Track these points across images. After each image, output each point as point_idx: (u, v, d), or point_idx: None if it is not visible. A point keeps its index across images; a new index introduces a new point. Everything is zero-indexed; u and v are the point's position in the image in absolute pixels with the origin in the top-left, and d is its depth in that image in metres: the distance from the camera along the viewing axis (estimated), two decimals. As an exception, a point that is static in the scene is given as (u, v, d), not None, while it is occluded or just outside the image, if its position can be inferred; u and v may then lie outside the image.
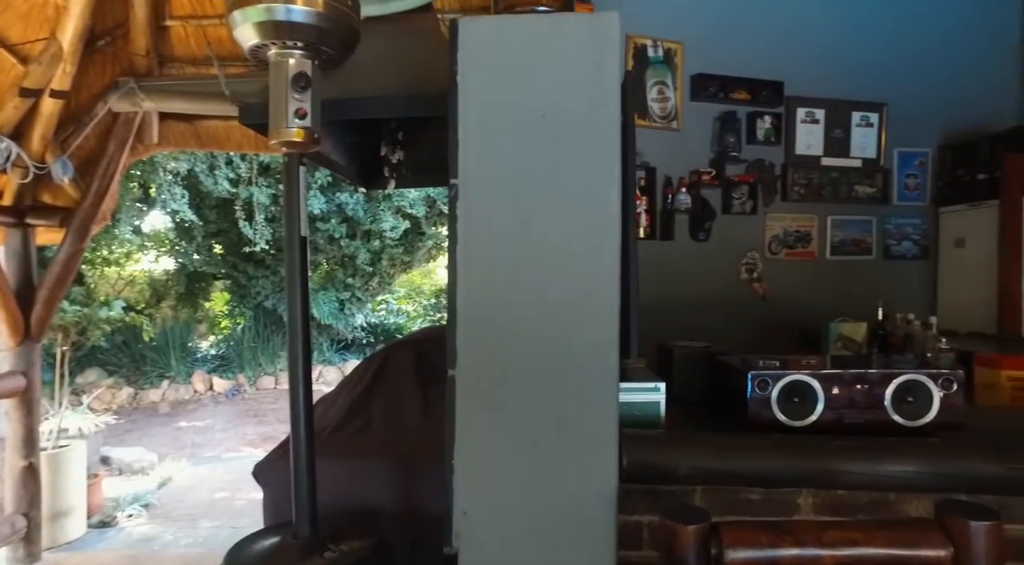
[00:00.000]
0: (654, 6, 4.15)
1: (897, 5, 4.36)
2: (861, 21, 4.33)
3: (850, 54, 4.29)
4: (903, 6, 4.37)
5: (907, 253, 4.44)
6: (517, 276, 1.06)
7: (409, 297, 13.38)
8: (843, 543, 0.91)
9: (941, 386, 1.34)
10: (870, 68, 4.29)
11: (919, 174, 4.42)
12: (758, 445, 1.24)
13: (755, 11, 4.17)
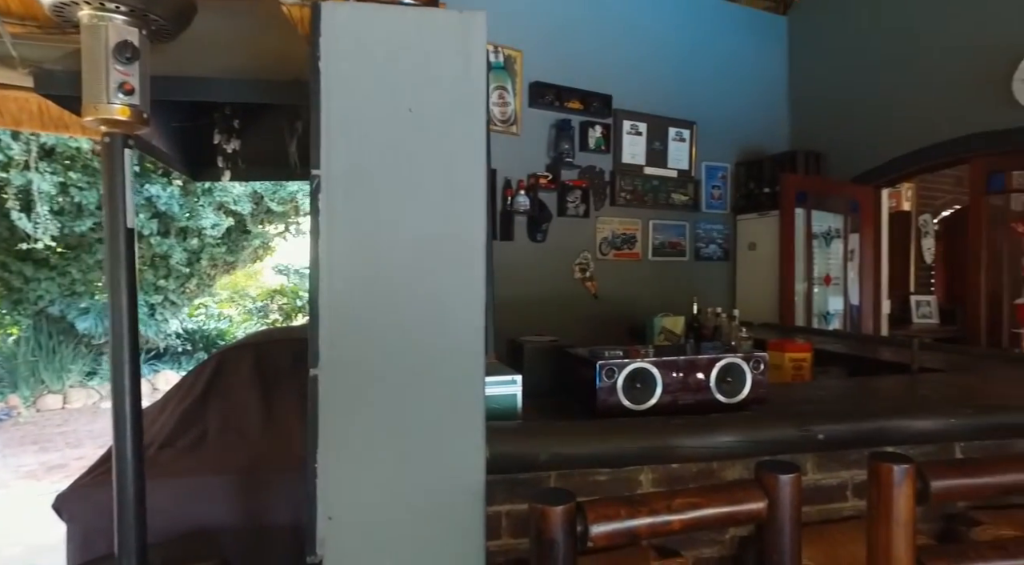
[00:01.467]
0: (497, 13, 4.26)
1: (704, 47, 4.96)
2: (678, 51, 4.85)
3: (669, 77, 4.79)
4: (708, 48, 4.98)
5: (713, 255, 5.05)
6: (383, 272, 1.04)
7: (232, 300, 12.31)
8: (688, 507, 1.03)
9: (752, 367, 1.56)
10: (684, 91, 4.83)
11: (722, 186, 5.05)
12: (608, 429, 1.34)
13: (589, 27, 4.48)
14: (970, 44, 3.74)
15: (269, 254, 10.93)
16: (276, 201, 9.04)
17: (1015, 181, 3.81)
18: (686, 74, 4.84)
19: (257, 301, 11.98)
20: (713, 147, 4.98)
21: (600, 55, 4.49)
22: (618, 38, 4.58)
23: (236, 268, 10.99)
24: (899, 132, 4.19)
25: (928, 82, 4.01)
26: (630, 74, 4.60)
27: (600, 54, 4.49)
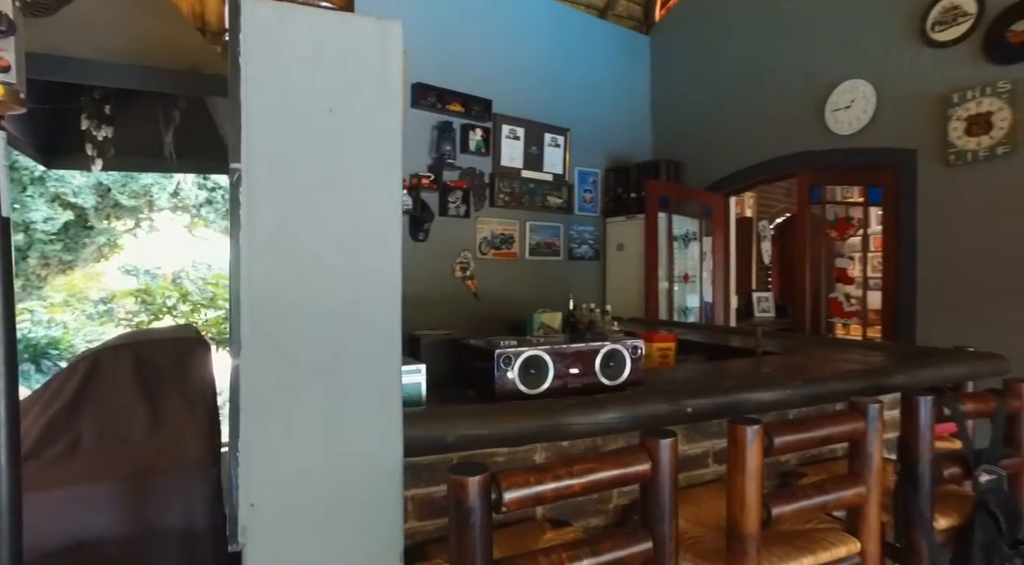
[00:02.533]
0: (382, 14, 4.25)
1: (577, 59, 5.28)
2: (554, 62, 5.12)
3: (545, 85, 5.05)
4: (580, 61, 5.31)
5: (585, 255, 5.39)
6: (303, 264, 1.08)
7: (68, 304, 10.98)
8: (585, 472, 1.17)
9: (631, 353, 1.75)
10: (558, 99, 5.11)
11: (593, 190, 5.40)
12: (511, 410, 1.45)
13: (471, 34, 4.61)
14: (797, 75, 4.34)
15: (116, 253, 9.91)
16: (126, 194, 8.22)
17: (829, 194, 4.47)
18: (561, 84, 5.13)
19: (99, 305, 10.80)
20: (585, 153, 5.31)
21: (481, 61, 4.63)
22: (499, 46, 4.76)
23: (74, 268, 9.85)
24: (744, 147, 4.75)
25: (767, 106, 4.58)
26: (509, 81, 4.80)
27: (481, 60, 4.63)
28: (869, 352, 2.53)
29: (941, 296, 3.54)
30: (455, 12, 4.52)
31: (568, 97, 5.17)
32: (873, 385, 1.91)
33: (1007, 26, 3.24)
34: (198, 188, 9.02)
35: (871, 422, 1.51)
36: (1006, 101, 3.24)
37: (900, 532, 1.66)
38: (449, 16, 4.50)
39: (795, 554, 1.45)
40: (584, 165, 5.33)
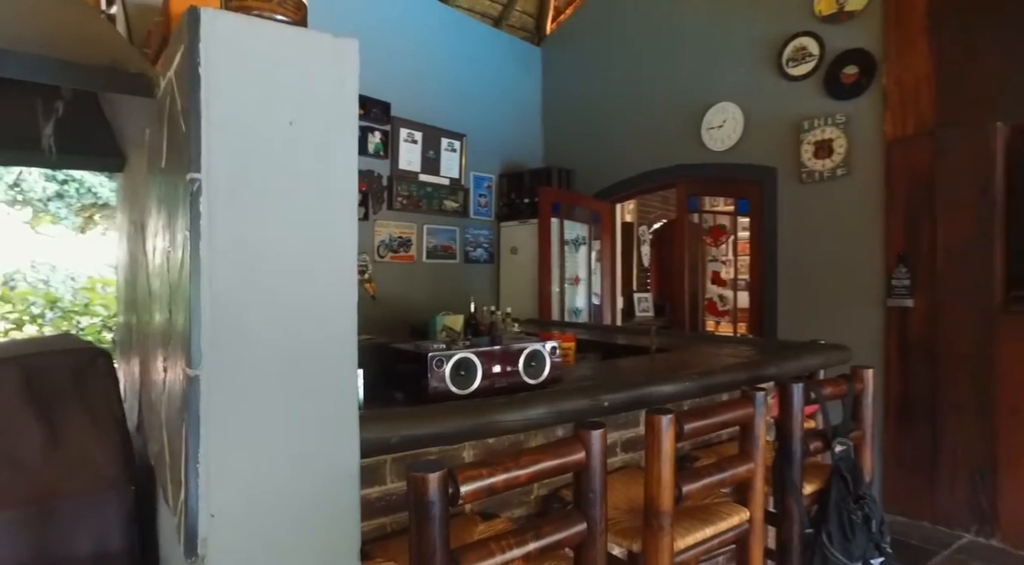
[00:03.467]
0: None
1: (473, 66, 5.40)
2: (451, 68, 5.20)
3: (442, 91, 5.11)
4: (476, 68, 5.44)
5: (480, 258, 5.51)
6: (262, 274, 1.09)
7: None
8: (531, 463, 1.28)
9: (550, 353, 1.89)
10: (455, 105, 5.19)
11: (487, 195, 5.54)
12: (449, 411, 1.52)
13: (370, 36, 4.52)
14: (677, 95, 4.75)
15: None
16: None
17: (704, 204, 4.93)
18: (458, 89, 5.23)
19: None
20: (480, 159, 5.44)
21: (381, 64, 4.61)
22: (398, 50, 4.76)
23: None
24: (629, 158, 5.11)
25: (649, 121, 4.96)
26: (408, 85, 4.81)
27: (381, 63, 4.61)
28: (741, 346, 2.87)
29: (797, 296, 4.05)
30: (355, 15, 4.46)
31: (464, 103, 5.27)
32: (753, 376, 2.18)
33: (841, 68, 3.78)
34: (45, 180, 8.08)
35: (758, 408, 1.76)
36: (842, 130, 3.78)
37: (777, 499, 1.94)
38: (349, 19, 4.43)
39: (699, 526, 1.65)
40: (479, 170, 5.46)
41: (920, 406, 3.43)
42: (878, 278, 3.63)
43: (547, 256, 5.15)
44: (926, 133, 3.42)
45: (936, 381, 3.38)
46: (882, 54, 3.60)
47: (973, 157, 3.28)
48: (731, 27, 4.38)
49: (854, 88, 3.71)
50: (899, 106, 3.52)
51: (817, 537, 1.93)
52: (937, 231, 3.39)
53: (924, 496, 3.40)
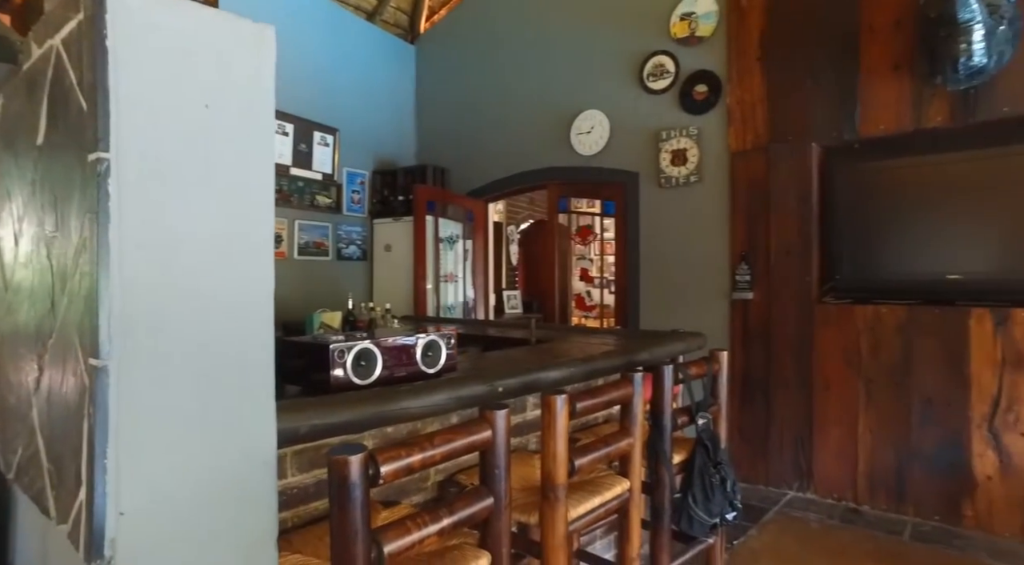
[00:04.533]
0: None
1: (346, 60, 5.29)
2: (324, 60, 5.04)
3: (314, 83, 4.95)
4: (350, 61, 5.32)
5: (353, 255, 5.40)
6: (175, 261, 1.05)
7: None
8: (444, 442, 1.34)
9: (446, 343, 1.95)
10: (328, 98, 5.05)
11: (361, 191, 5.44)
12: (358, 399, 1.53)
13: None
14: (548, 100, 5.00)
15: None
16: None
17: (574, 205, 5.24)
18: (330, 83, 5.09)
19: None
20: (354, 154, 5.34)
21: (246, 48, 4.37)
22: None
23: None
24: (502, 158, 5.28)
25: (522, 123, 5.17)
26: (278, 74, 4.59)
27: (246, 47, 4.37)
28: (611, 337, 3.12)
29: (657, 290, 4.45)
30: None
31: (337, 97, 5.15)
32: (628, 361, 2.40)
33: (694, 86, 4.23)
34: None
35: (636, 388, 1.95)
36: (695, 141, 4.22)
37: (651, 469, 2.16)
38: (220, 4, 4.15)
39: (588, 497, 1.80)
40: (353, 166, 5.35)
41: (757, 384, 3.93)
42: (724, 274, 4.10)
43: (422, 253, 5.18)
44: (761, 148, 3.93)
45: (769, 362, 3.89)
46: (726, 76, 4.08)
47: (795, 171, 3.82)
48: (599, 40, 4.70)
49: (704, 104, 4.16)
50: (740, 123, 4.01)
51: (684, 500, 2.18)
52: (770, 234, 3.90)
53: (759, 461, 3.91)
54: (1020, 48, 3.09)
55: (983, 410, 3.20)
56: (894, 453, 3.45)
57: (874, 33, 3.52)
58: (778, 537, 3.23)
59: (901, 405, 3.43)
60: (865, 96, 3.55)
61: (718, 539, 2.39)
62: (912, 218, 3.50)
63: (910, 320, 3.42)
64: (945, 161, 3.42)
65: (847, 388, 3.61)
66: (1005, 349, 3.14)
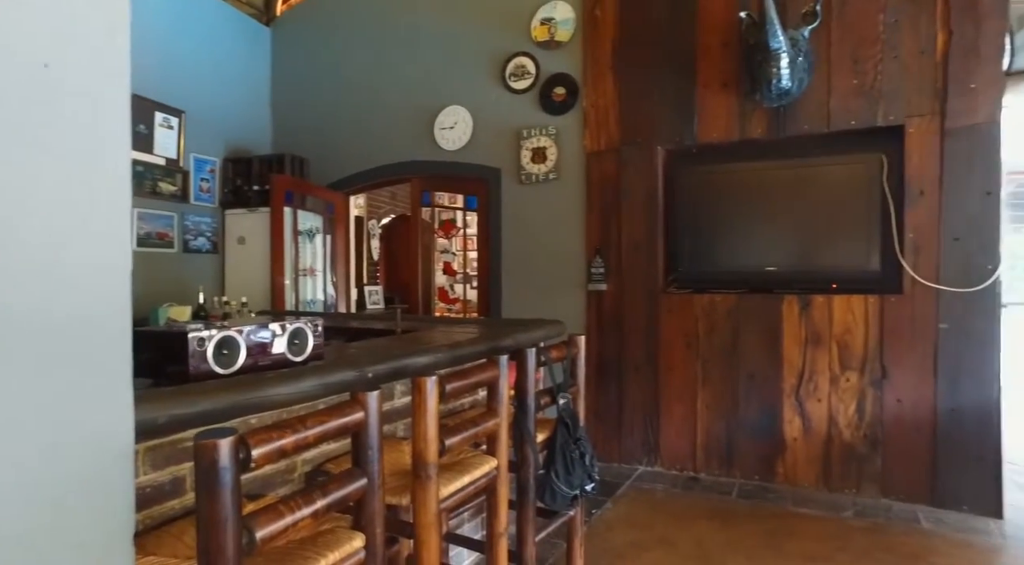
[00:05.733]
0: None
1: (193, 37, 4.88)
2: (166, 35, 4.61)
3: (155, 58, 4.52)
4: (197, 39, 4.93)
5: (202, 247, 5.02)
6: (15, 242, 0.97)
7: None
8: (317, 424, 1.33)
9: (313, 331, 1.92)
10: (171, 77, 4.64)
11: (210, 179, 5.07)
12: (223, 387, 1.46)
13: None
14: (412, 93, 5.00)
15: None
16: None
17: (437, 199, 5.28)
18: (174, 61, 4.68)
19: None
20: (202, 140, 4.96)
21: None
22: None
23: None
24: (364, 150, 5.19)
25: (385, 115, 5.11)
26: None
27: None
28: (474, 326, 3.22)
29: (518, 282, 4.63)
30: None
31: (183, 77, 4.75)
32: (494, 347, 2.50)
33: (553, 88, 4.46)
34: None
35: (502, 370, 2.05)
36: (554, 140, 4.45)
37: (516, 448, 2.27)
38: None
39: (457, 476, 1.87)
40: (201, 152, 4.97)
41: (611, 368, 4.24)
42: (581, 267, 4.37)
43: (280, 246, 4.95)
44: (614, 149, 4.24)
45: (621, 348, 4.22)
46: (583, 81, 4.35)
47: (644, 172, 4.18)
48: (464, 37, 4.78)
49: (563, 106, 4.40)
50: (595, 125, 4.30)
51: (547, 476, 2.32)
52: (622, 229, 4.23)
53: (613, 440, 4.22)
54: (814, 78, 3.63)
55: (792, 382, 3.72)
56: (724, 425, 3.91)
57: (707, 52, 3.95)
58: (630, 507, 3.52)
59: (730, 382, 3.89)
60: (701, 107, 3.97)
61: (578, 512, 2.57)
62: (739, 217, 3.99)
63: (738, 307, 3.89)
64: (764, 168, 3.93)
65: (687, 369, 4.02)
66: (808, 329, 3.68)
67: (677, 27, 4.04)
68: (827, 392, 3.64)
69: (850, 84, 3.58)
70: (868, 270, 3.62)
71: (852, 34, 3.58)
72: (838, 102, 3.62)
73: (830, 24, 3.60)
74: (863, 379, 3.56)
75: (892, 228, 3.52)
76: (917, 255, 3.44)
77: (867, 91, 3.55)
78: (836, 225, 3.74)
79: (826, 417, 3.64)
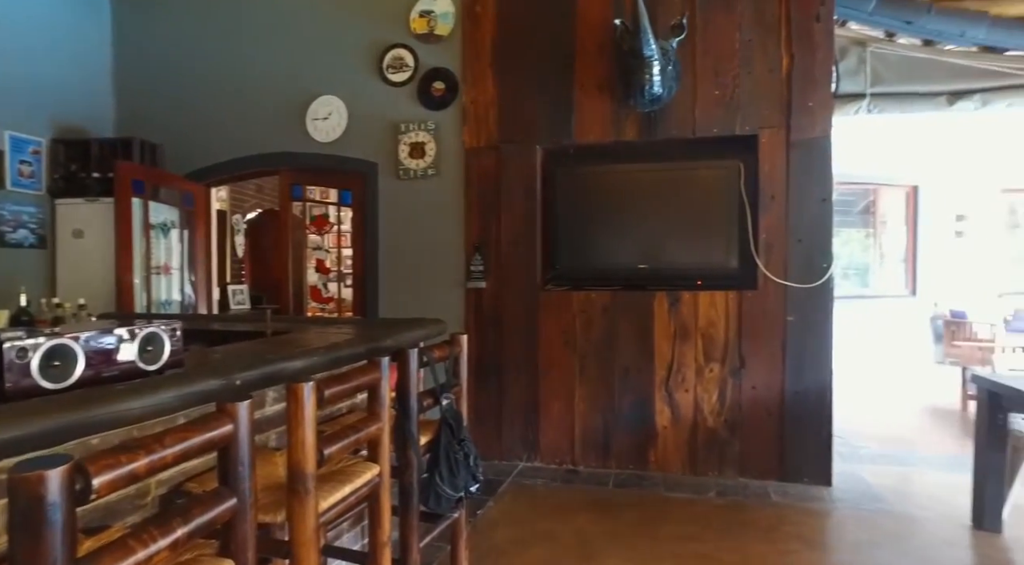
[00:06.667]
0: None
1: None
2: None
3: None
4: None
5: (24, 241, 4.36)
6: None
7: None
8: (178, 441, 1.16)
9: (170, 336, 1.70)
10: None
11: (35, 163, 4.41)
12: (45, 406, 1.25)
13: None
14: (282, 80, 4.67)
15: None
16: None
17: (309, 193, 5.00)
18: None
19: None
20: (21, 116, 4.31)
21: None
22: None
23: None
24: (229, 138, 4.78)
25: (254, 102, 4.74)
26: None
27: None
28: (351, 326, 3.07)
29: (397, 280, 4.49)
30: None
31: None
32: (374, 348, 2.38)
33: (432, 82, 4.37)
34: None
35: (384, 372, 1.95)
36: (433, 136, 4.37)
37: (399, 452, 2.18)
38: None
39: (338, 486, 1.75)
40: (20, 130, 4.33)
41: (490, 366, 4.24)
42: (460, 265, 4.32)
43: (127, 241, 4.42)
44: (494, 147, 4.24)
45: (501, 345, 4.23)
46: (462, 76, 4.30)
47: (523, 170, 4.22)
48: (340, 24, 4.55)
49: (442, 101, 4.33)
50: (475, 122, 4.27)
51: (431, 479, 2.25)
52: (501, 226, 4.24)
53: (493, 438, 4.23)
54: (682, 87, 3.87)
55: (662, 374, 3.94)
56: (601, 418, 4.05)
57: (585, 55, 4.07)
58: (512, 504, 3.54)
59: (606, 376, 4.04)
60: (579, 108, 4.08)
61: (462, 513, 2.53)
62: (614, 216, 4.15)
63: (613, 303, 4.04)
64: (637, 170, 4.12)
65: (566, 364, 4.12)
66: (676, 324, 3.91)
67: (556, 28, 4.12)
68: (693, 383, 3.89)
69: (712, 94, 3.85)
70: (729, 267, 3.92)
71: (714, 49, 3.85)
72: (702, 111, 3.87)
73: (695, 38, 3.85)
74: (724, 369, 3.85)
75: (748, 229, 3.83)
76: (769, 254, 3.78)
77: (727, 102, 3.83)
78: (701, 225, 4.01)
79: (692, 406, 3.89)
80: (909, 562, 2.81)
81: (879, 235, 8.70)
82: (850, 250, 8.66)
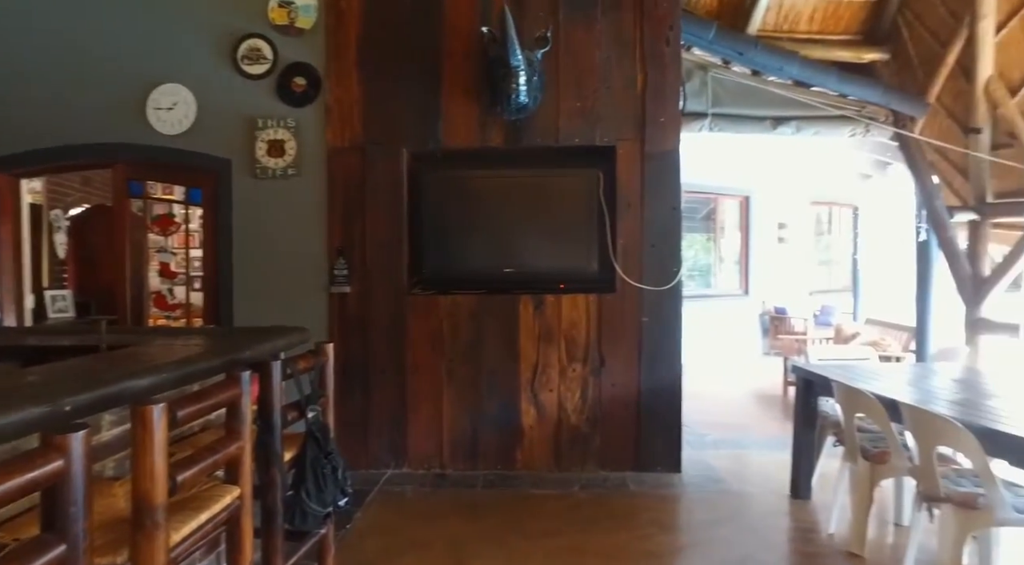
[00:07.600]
0: None
1: None
2: None
3: None
4: None
5: None
6: None
7: None
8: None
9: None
10: None
11: None
12: None
13: None
14: (119, 61, 4.18)
15: None
16: None
17: (150, 190, 4.53)
18: None
19: None
20: None
21: None
22: None
23: None
24: (47, 123, 4.17)
25: (80, 84, 4.18)
26: None
27: None
28: (202, 337, 2.83)
29: (253, 285, 4.20)
30: None
31: None
32: (230, 360, 2.21)
33: (292, 77, 4.15)
34: None
35: (244, 387, 1.83)
36: (293, 134, 4.15)
37: (261, 471, 2.05)
38: None
39: (193, 514, 1.61)
40: None
41: (356, 373, 4.11)
42: (323, 269, 4.15)
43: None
44: (359, 147, 4.12)
45: (367, 351, 4.12)
46: (326, 73, 4.13)
47: (389, 172, 4.14)
48: (188, 5, 4.16)
49: (303, 97, 4.12)
50: (338, 121, 4.12)
51: (296, 496, 2.14)
52: (366, 229, 4.13)
53: (360, 446, 4.10)
54: (546, 97, 4.01)
55: (527, 376, 4.06)
56: (469, 420, 4.09)
57: (452, 59, 4.08)
58: (380, 513, 3.47)
59: (474, 379, 4.08)
60: (446, 112, 4.09)
61: (329, 528, 2.43)
62: (480, 220, 4.21)
63: (480, 307, 4.09)
64: (503, 176, 4.21)
65: (434, 369, 4.10)
66: (541, 326, 4.05)
67: (423, 30, 4.09)
68: (557, 383, 4.06)
69: (574, 106, 4.04)
70: (589, 271, 4.13)
71: (576, 62, 4.04)
72: (565, 121, 4.05)
73: (559, 51, 4.01)
74: (586, 368, 4.05)
75: (607, 235, 4.06)
76: (626, 259, 4.04)
77: (587, 114, 4.04)
78: (563, 231, 4.20)
79: (556, 405, 4.06)
80: (743, 535, 3.16)
81: (719, 239, 9.69)
82: (694, 253, 9.53)
